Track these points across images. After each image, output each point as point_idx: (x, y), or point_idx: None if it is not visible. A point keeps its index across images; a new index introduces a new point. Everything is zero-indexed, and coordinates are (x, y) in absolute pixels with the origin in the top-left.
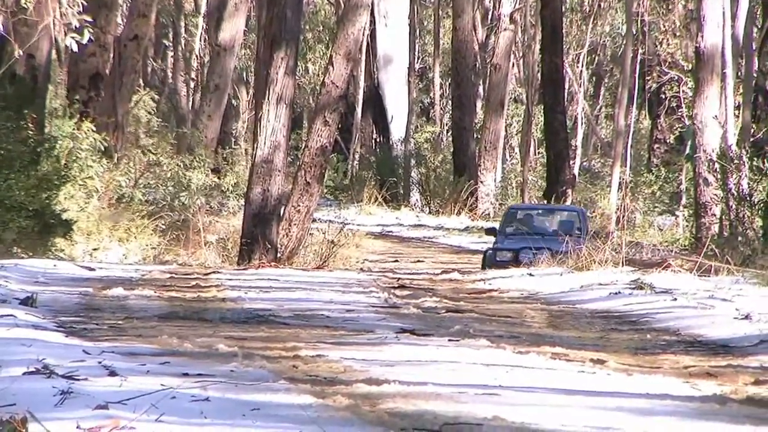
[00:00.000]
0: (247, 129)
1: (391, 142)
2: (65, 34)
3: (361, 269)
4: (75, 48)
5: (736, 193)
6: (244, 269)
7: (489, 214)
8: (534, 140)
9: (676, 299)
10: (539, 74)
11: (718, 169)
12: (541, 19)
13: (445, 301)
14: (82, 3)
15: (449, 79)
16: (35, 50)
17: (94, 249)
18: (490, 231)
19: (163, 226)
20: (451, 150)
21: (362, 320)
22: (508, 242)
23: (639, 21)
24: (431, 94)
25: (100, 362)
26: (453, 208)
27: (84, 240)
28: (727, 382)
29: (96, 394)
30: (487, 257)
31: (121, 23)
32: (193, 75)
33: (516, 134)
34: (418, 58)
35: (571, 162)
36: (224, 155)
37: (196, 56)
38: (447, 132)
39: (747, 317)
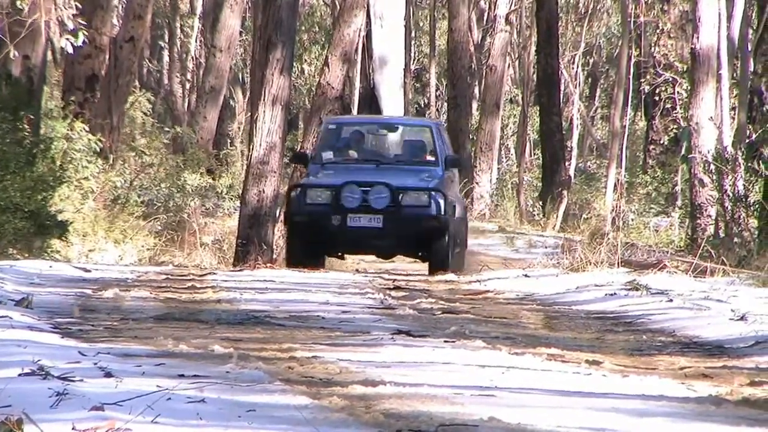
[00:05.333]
0: (242, 130)
1: None
2: (60, 36)
3: (357, 270)
4: (70, 50)
5: (731, 195)
6: (239, 270)
7: (485, 215)
8: (530, 141)
9: (671, 300)
10: (535, 75)
11: (713, 171)
12: (536, 20)
13: (441, 303)
14: (76, 5)
15: (445, 80)
16: (31, 51)
17: (90, 250)
18: (298, 158)
19: (159, 228)
20: None
21: (358, 321)
22: (324, 176)
23: (634, 22)
24: (427, 95)
25: (95, 363)
26: None
27: (79, 241)
28: (722, 383)
29: (91, 396)
30: (292, 202)
31: (117, 24)
32: (188, 76)
33: (512, 135)
34: (414, 59)
35: (567, 163)
36: (219, 156)
37: (192, 57)
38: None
39: (742, 318)
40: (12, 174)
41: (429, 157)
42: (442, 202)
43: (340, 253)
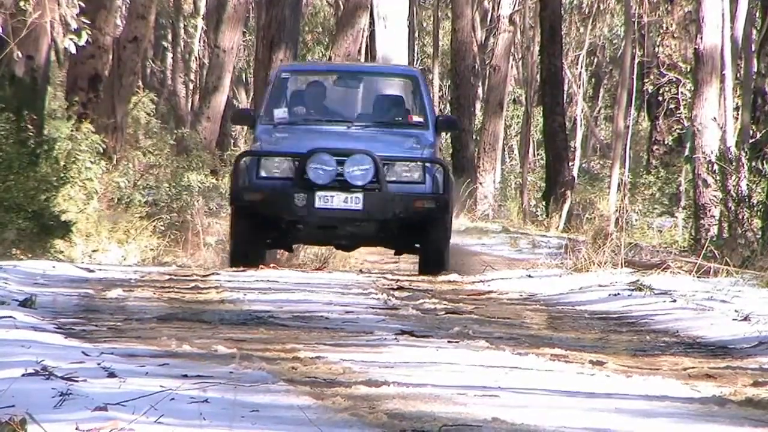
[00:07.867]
0: (246, 130)
1: None
2: (64, 36)
3: (361, 271)
4: (73, 50)
5: (735, 195)
6: (242, 271)
7: (488, 215)
8: (533, 141)
9: (675, 301)
10: (538, 75)
11: (717, 171)
12: (540, 20)
13: (444, 303)
14: (80, 4)
15: (448, 81)
16: (34, 52)
17: (93, 250)
18: (240, 117)
19: (162, 228)
20: (450, 151)
21: (361, 322)
22: (282, 140)
23: (638, 22)
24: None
25: (99, 364)
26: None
27: (83, 241)
28: (726, 383)
29: (95, 396)
30: (241, 176)
31: (120, 25)
32: (192, 76)
33: (515, 135)
34: (417, 60)
35: (570, 163)
36: (223, 157)
37: (195, 58)
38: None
39: (746, 319)
40: (15, 174)
41: (416, 118)
42: (440, 177)
43: (294, 245)
